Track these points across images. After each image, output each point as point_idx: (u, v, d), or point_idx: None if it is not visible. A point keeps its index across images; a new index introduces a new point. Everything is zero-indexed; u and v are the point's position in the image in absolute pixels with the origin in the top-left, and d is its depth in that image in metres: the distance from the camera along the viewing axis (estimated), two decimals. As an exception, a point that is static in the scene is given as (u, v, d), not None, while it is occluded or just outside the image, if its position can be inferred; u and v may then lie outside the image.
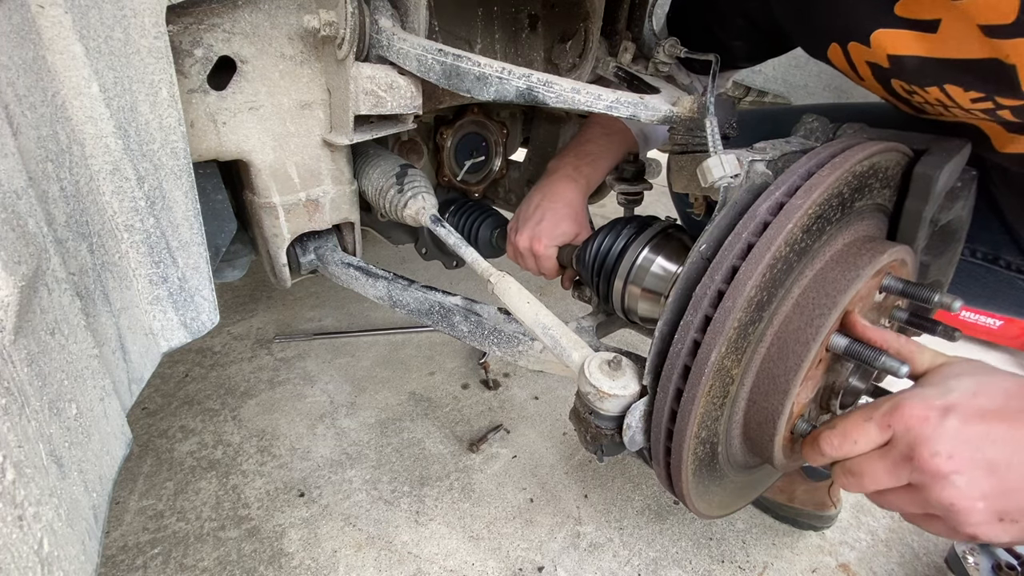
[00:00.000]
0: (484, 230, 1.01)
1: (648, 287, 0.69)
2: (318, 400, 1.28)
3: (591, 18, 0.81)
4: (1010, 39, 0.48)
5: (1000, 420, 0.41)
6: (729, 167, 0.52)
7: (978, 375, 0.45)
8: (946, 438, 0.42)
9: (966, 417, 0.42)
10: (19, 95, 0.38)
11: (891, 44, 0.58)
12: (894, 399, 0.45)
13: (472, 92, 0.62)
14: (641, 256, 0.70)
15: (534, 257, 0.89)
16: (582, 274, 0.80)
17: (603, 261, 0.73)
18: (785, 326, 0.50)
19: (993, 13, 0.47)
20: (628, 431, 0.53)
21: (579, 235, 0.86)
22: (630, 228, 0.73)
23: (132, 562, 0.89)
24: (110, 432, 0.47)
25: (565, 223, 0.85)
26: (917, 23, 0.55)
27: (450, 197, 1.11)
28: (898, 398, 0.45)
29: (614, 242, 0.73)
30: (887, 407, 0.45)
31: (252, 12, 0.60)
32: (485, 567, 0.93)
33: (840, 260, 0.51)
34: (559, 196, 0.87)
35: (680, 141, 0.65)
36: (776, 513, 1.08)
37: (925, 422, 0.42)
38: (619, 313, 0.75)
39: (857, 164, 0.49)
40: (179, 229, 0.55)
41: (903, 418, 0.43)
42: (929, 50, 0.56)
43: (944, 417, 0.42)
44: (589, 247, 0.76)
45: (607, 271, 0.73)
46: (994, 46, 0.50)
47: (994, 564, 0.95)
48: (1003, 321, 1.82)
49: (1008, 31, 0.47)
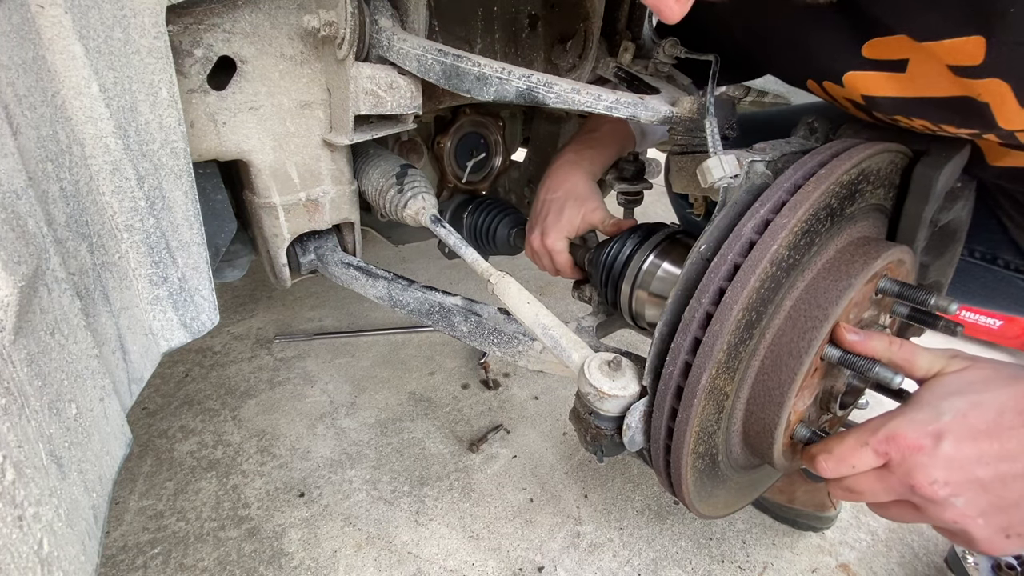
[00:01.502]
0: (502, 229, 1.00)
1: (654, 291, 0.69)
2: (318, 400, 1.28)
3: (591, 18, 0.81)
4: (980, 79, 0.47)
5: (990, 438, 0.42)
6: (729, 168, 0.52)
7: (970, 392, 0.45)
8: (940, 465, 0.43)
9: (958, 440, 0.43)
10: (19, 95, 0.38)
11: (863, 85, 0.58)
12: (889, 424, 0.46)
13: (472, 92, 0.62)
14: (647, 261, 0.70)
15: (547, 254, 0.86)
16: (594, 280, 0.80)
17: (611, 267, 0.74)
18: (778, 339, 0.50)
19: (960, 55, 0.47)
20: (628, 431, 0.53)
21: (590, 217, 0.83)
22: (637, 235, 0.73)
23: (132, 562, 0.89)
24: (110, 432, 0.47)
25: (569, 210, 0.83)
26: (885, 63, 0.55)
27: (467, 196, 1.10)
28: (893, 424, 0.46)
29: (621, 248, 0.73)
30: (883, 434, 0.46)
31: (252, 12, 0.60)
32: (485, 567, 0.93)
33: (832, 269, 0.50)
34: (560, 185, 0.85)
35: (680, 142, 0.65)
36: (776, 514, 1.08)
37: (920, 451, 0.44)
38: (627, 319, 0.75)
39: (844, 174, 0.48)
40: (179, 229, 0.55)
41: (898, 447, 0.45)
42: (900, 90, 0.56)
43: (937, 444, 0.43)
44: (600, 254, 0.76)
45: (615, 277, 0.73)
46: (965, 85, 0.49)
47: (994, 564, 0.95)
48: (1003, 321, 1.82)
49: (977, 71, 0.47)
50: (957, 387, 0.46)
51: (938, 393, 0.46)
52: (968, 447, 0.43)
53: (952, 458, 0.43)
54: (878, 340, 0.50)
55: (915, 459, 0.44)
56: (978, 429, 0.43)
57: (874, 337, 0.50)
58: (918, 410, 0.46)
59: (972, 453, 0.42)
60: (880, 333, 0.50)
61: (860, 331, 0.50)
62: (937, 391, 0.46)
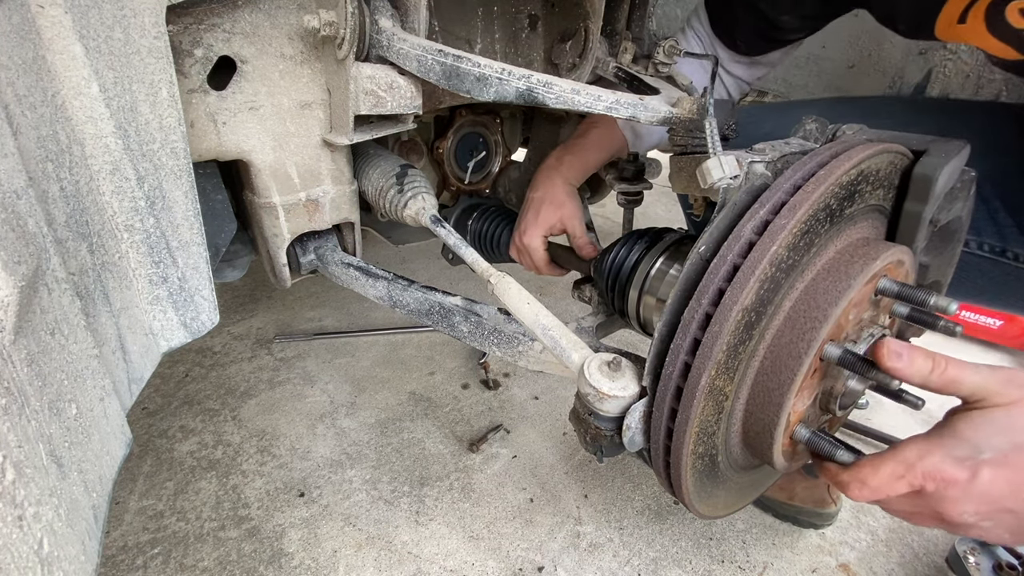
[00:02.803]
0: (507, 236, 1.00)
1: (663, 297, 0.69)
2: (318, 400, 1.28)
3: (591, 18, 0.81)
4: None
5: None
6: (728, 168, 0.52)
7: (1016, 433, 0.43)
8: (973, 499, 0.43)
9: (993, 479, 0.43)
10: (19, 95, 0.38)
11: None
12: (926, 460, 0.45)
13: (472, 93, 0.62)
14: (655, 267, 0.69)
15: (527, 251, 0.90)
16: (599, 286, 0.80)
17: (618, 272, 0.73)
18: (778, 340, 0.50)
19: None
20: (628, 432, 0.53)
21: (563, 217, 0.88)
22: (644, 240, 0.73)
23: (132, 562, 0.89)
24: (110, 432, 0.47)
25: (546, 210, 0.88)
26: None
27: (473, 202, 1.09)
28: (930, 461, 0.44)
29: (628, 253, 0.72)
30: (920, 470, 0.45)
31: (252, 12, 0.60)
32: (485, 567, 0.93)
33: (832, 269, 0.50)
34: (538, 186, 0.90)
35: (680, 142, 0.65)
36: (776, 511, 1.08)
37: (954, 486, 0.43)
38: (635, 326, 0.75)
39: (844, 175, 0.48)
40: (179, 229, 0.55)
41: (934, 479, 0.44)
42: None
43: (972, 480, 0.43)
44: (605, 259, 0.76)
45: (622, 282, 0.72)
46: None
47: (995, 564, 0.95)
48: (1003, 321, 1.82)
49: None
50: (1003, 425, 0.43)
51: (981, 430, 0.44)
52: (1004, 485, 0.42)
53: (985, 494, 0.43)
54: (922, 362, 0.46)
55: (948, 493, 0.44)
56: (1018, 468, 0.42)
57: (917, 359, 0.46)
58: (956, 445, 0.44)
59: (1008, 490, 0.42)
60: (924, 352, 0.46)
61: (904, 351, 0.46)
62: (981, 427, 0.44)
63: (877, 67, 1.51)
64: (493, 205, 1.07)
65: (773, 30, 0.87)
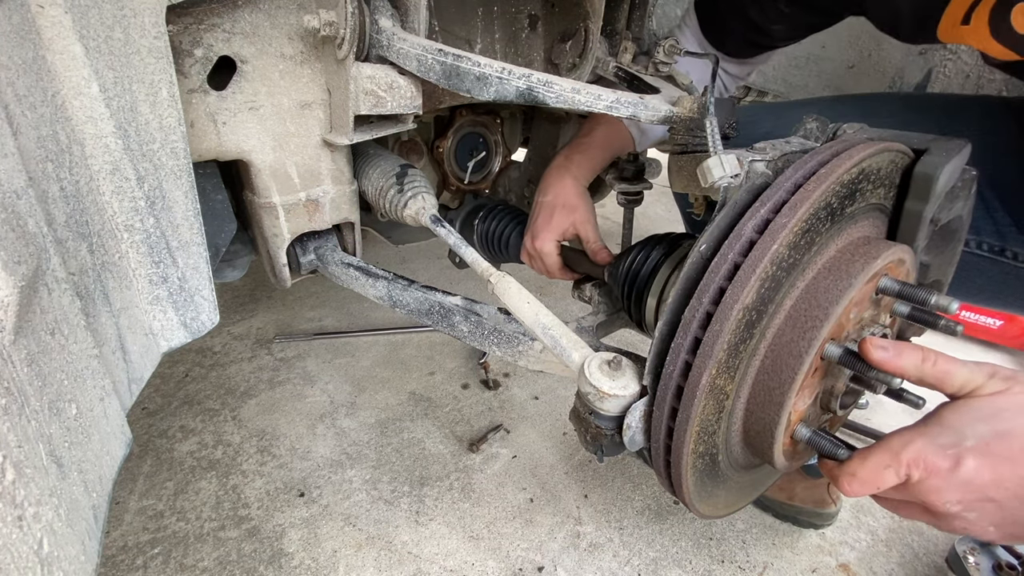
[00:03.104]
0: (515, 237, 0.99)
1: None
2: (318, 400, 1.28)
3: (591, 18, 0.81)
4: None
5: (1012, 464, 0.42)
6: (729, 167, 0.52)
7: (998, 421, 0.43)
8: (955, 488, 0.44)
9: (977, 467, 0.43)
10: (19, 95, 0.38)
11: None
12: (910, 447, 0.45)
13: (472, 92, 0.62)
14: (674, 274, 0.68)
15: (539, 256, 0.89)
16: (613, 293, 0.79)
17: (635, 279, 0.72)
18: (778, 338, 0.50)
19: None
20: (628, 431, 0.53)
21: (575, 222, 0.86)
22: (662, 246, 0.72)
23: (132, 562, 0.89)
24: (110, 432, 0.47)
25: (559, 214, 0.86)
26: None
27: (479, 202, 1.09)
28: (914, 448, 0.45)
29: (646, 260, 0.71)
30: (905, 458, 0.45)
31: (252, 12, 0.60)
32: (485, 567, 0.93)
33: (832, 268, 0.50)
34: (548, 189, 0.89)
35: (680, 141, 0.65)
36: (776, 512, 1.08)
37: (937, 474, 0.44)
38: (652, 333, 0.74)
39: (845, 174, 0.48)
40: (179, 229, 0.55)
41: (918, 466, 0.45)
42: None
43: (955, 469, 0.43)
44: (620, 265, 0.75)
45: (639, 289, 0.71)
46: None
47: (995, 564, 0.95)
48: (1003, 321, 1.82)
49: None
50: (986, 413, 0.44)
51: (965, 417, 0.45)
52: (987, 473, 0.43)
53: (968, 482, 0.43)
54: (909, 356, 0.47)
55: (931, 482, 0.44)
56: (1000, 457, 0.42)
57: (905, 353, 0.47)
58: (940, 433, 0.45)
59: (990, 478, 0.43)
60: (913, 347, 0.47)
61: (889, 345, 0.47)
62: (964, 414, 0.45)
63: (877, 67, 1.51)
64: (500, 205, 1.06)
65: (763, 37, 0.87)
